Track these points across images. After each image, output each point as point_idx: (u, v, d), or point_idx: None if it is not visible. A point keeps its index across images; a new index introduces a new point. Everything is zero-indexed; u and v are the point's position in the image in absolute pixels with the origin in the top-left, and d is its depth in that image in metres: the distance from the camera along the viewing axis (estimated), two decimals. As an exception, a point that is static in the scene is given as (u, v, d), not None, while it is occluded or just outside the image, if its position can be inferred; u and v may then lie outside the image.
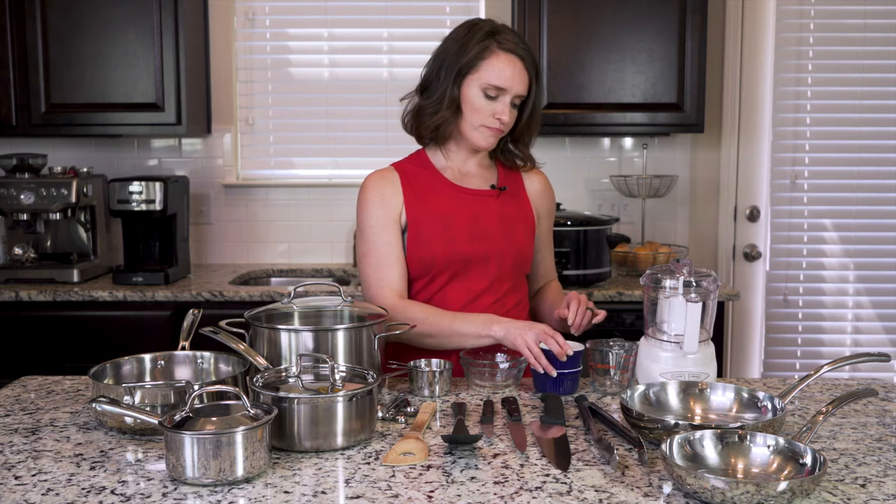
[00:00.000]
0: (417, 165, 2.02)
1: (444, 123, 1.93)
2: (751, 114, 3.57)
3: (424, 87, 1.97)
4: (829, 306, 3.67)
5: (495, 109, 1.90)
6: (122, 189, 3.16)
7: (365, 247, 1.97)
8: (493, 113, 1.90)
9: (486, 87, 1.88)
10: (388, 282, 1.94)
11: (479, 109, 1.90)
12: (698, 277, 1.72)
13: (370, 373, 1.53)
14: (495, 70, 1.88)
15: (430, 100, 1.94)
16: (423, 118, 1.96)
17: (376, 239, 1.95)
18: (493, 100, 1.90)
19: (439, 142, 2.00)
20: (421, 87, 1.98)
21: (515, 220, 2.02)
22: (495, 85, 1.88)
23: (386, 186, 1.97)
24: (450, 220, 1.96)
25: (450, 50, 1.92)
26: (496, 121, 1.90)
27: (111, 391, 1.52)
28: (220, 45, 3.60)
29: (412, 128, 2.01)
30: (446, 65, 1.92)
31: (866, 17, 3.54)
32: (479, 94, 1.89)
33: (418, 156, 2.05)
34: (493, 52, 1.88)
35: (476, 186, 2.01)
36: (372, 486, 1.29)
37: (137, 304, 3.05)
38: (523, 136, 2.02)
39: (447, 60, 1.92)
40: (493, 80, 1.88)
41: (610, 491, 1.27)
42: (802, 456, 1.29)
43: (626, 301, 3.04)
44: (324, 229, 3.66)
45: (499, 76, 1.88)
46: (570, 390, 1.76)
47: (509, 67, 1.88)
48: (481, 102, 1.89)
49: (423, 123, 1.96)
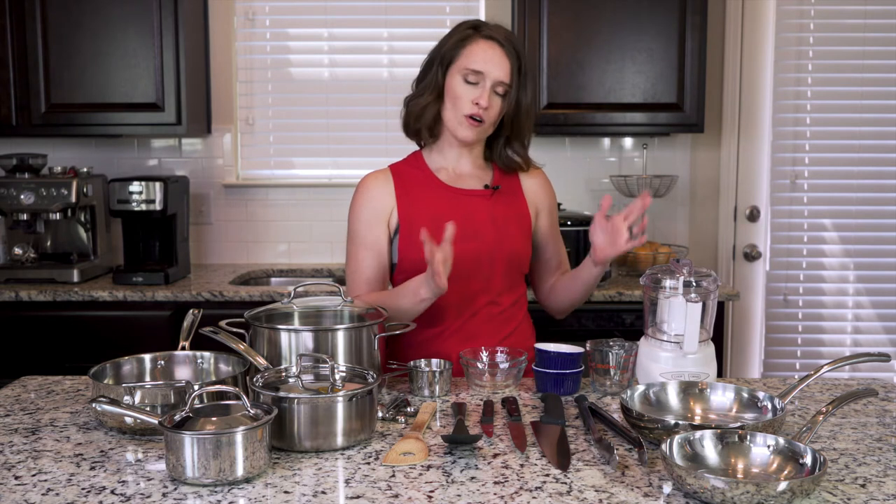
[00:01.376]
0: (413, 166, 2.04)
1: (427, 109, 1.96)
2: (751, 114, 3.57)
3: (418, 82, 2.02)
4: (829, 306, 3.67)
5: (474, 95, 1.91)
6: (122, 189, 3.16)
7: (348, 246, 2.04)
8: (473, 98, 1.91)
9: (464, 72, 1.91)
10: (358, 277, 1.99)
11: (459, 96, 1.92)
12: (698, 277, 1.72)
13: (370, 373, 1.53)
14: (474, 55, 1.91)
15: (418, 90, 1.99)
16: (410, 108, 2.00)
17: (357, 239, 2.00)
18: (472, 85, 1.91)
19: (430, 137, 2.01)
20: (416, 81, 2.03)
21: (509, 219, 2.02)
22: (472, 69, 1.90)
23: (377, 188, 2.00)
24: (441, 220, 1.96)
25: (438, 46, 1.98)
26: (475, 106, 1.91)
27: (111, 391, 1.52)
28: (220, 45, 3.60)
29: (404, 123, 2.04)
30: (434, 58, 1.98)
31: (866, 17, 3.54)
32: (459, 81, 1.92)
33: (415, 157, 2.07)
34: (473, 40, 1.93)
35: (470, 187, 2.02)
36: (372, 486, 1.29)
37: (137, 304, 3.05)
38: (516, 133, 2.01)
39: (434, 54, 1.98)
40: (471, 63, 1.91)
41: (610, 491, 1.27)
42: (802, 456, 1.29)
43: (626, 301, 3.04)
44: (324, 229, 3.66)
45: (476, 60, 1.91)
46: (570, 390, 1.76)
47: (488, 52, 1.91)
48: (462, 89, 1.92)
49: (410, 112, 2.00)
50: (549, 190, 2.14)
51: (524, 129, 2.01)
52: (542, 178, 2.13)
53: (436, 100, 1.96)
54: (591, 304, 3.02)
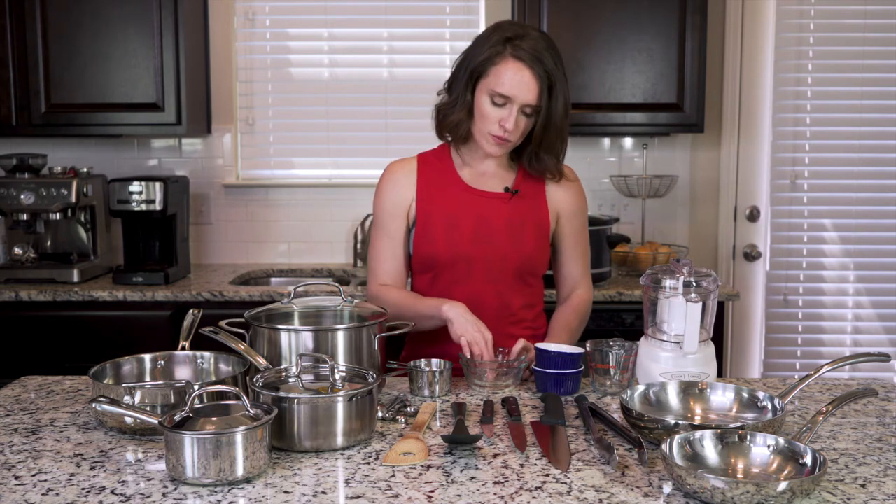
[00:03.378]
0: (439, 159, 2.04)
1: (460, 124, 1.94)
2: (751, 114, 3.57)
3: (449, 85, 1.98)
4: (829, 306, 3.67)
5: (501, 116, 1.88)
6: (122, 189, 3.16)
7: (372, 230, 2.06)
8: (499, 120, 1.88)
9: (492, 93, 1.88)
10: (378, 265, 2.03)
11: (486, 116, 1.89)
12: (698, 277, 1.72)
13: (370, 373, 1.53)
14: (501, 77, 1.86)
15: (448, 99, 1.96)
16: (443, 117, 1.98)
17: (380, 225, 2.03)
18: (499, 107, 1.88)
19: (462, 143, 2.00)
20: (448, 84, 1.99)
21: (526, 223, 2.00)
22: (500, 92, 1.86)
23: (400, 178, 2.02)
24: (455, 219, 1.97)
25: (471, 51, 1.93)
26: (501, 128, 1.88)
27: (111, 391, 1.53)
28: (220, 45, 3.60)
29: (437, 129, 2.02)
30: (465, 65, 1.93)
31: (866, 17, 3.54)
32: (487, 101, 1.89)
33: (442, 149, 2.06)
34: (503, 59, 1.86)
35: (490, 188, 2.01)
36: (372, 486, 1.29)
37: (137, 304, 3.05)
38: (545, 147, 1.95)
39: (466, 60, 1.93)
40: (498, 87, 1.86)
41: (610, 491, 1.27)
42: (802, 456, 1.29)
43: (626, 301, 3.04)
44: (324, 229, 3.66)
45: (503, 83, 1.86)
46: (570, 390, 1.76)
47: (516, 75, 1.85)
48: (489, 109, 1.89)
49: (443, 122, 1.98)
50: (576, 200, 2.07)
51: (554, 143, 1.95)
52: (573, 187, 2.07)
53: (467, 116, 1.93)
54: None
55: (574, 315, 2.05)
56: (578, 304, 2.08)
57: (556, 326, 2.03)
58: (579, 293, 2.09)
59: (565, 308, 2.07)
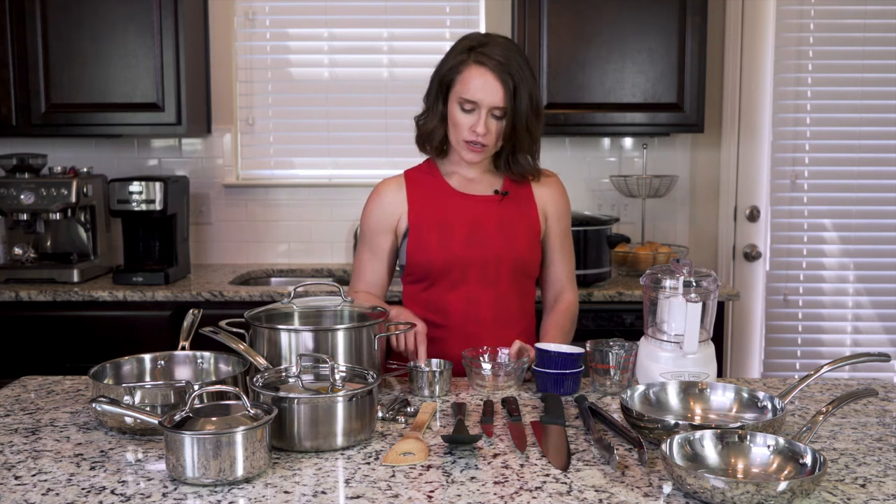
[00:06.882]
0: (425, 173, 2.07)
1: (435, 133, 1.99)
2: (751, 114, 3.56)
3: (426, 97, 2.04)
4: (829, 306, 3.67)
5: (472, 122, 1.92)
6: (122, 189, 3.16)
7: (358, 245, 2.12)
8: (470, 126, 1.92)
9: (461, 101, 1.92)
10: (359, 276, 2.09)
11: (458, 124, 1.94)
12: (698, 277, 1.72)
13: (370, 373, 1.53)
14: (467, 84, 1.91)
15: (424, 111, 2.03)
16: (420, 128, 2.03)
17: (364, 239, 2.08)
18: (469, 113, 1.93)
19: (442, 153, 2.05)
20: (424, 97, 2.04)
21: (517, 224, 2.02)
22: (467, 98, 1.91)
23: (389, 195, 2.05)
24: (448, 225, 1.99)
25: (441, 63, 1.99)
26: (473, 133, 1.92)
27: (111, 391, 1.53)
28: (220, 45, 3.60)
29: (417, 141, 2.06)
30: (436, 77, 1.99)
31: (866, 17, 3.54)
32: (457, 109, 1.94)
33: (427, 164, 2.09)
34: (467, 66, 1.92)
35: (479, 192, 2.03)
36: (372, 486, 1.29)
37: (137, 304, 3.05)
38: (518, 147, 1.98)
39: (436, 73, 2.00)
40: (465, 93, 1.91)
41: (610, 491, 1.27)
42: (802, 456, 1.29)
43: (626, 301, 3.04)
44: (324, 229, 3.66)
45: (469, 89, 1.91)
46: (570, 390, 1.76)
47: (480, 79, 1.90)
48: (460, 116, 1.93)
49: (420, 133, 2.03)
50: (559, 197, 2.10)
51: (524, 142, 1.98)
52: (554, 185, 2.11)
53: (441, 123, 1.98)
54: (591, 304, 3.02)
55: (565, 318, 2.06)
56: (567, 307, 2.09)
57: (548, 329, 2.03)
58: (567, 297, 2.10)
59: (555, 312, 2.08)
